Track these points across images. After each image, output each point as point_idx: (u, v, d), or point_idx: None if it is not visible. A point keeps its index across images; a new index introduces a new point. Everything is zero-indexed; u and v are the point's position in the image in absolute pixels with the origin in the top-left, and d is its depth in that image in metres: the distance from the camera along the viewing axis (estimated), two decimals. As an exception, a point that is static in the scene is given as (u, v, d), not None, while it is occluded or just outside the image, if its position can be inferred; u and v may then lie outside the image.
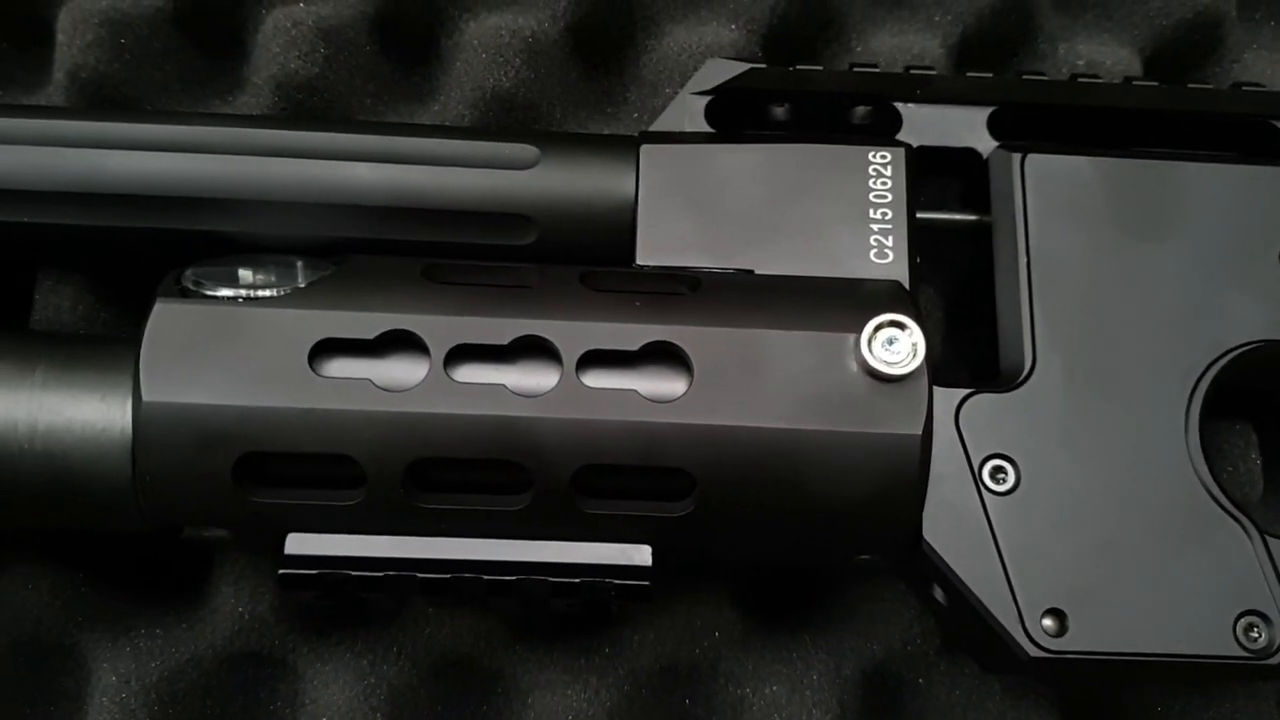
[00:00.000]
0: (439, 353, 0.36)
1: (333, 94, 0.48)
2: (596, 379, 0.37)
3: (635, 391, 0.36)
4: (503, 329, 0.37)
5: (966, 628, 0.40)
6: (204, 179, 0.40)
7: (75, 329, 0.46)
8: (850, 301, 0.38)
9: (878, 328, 0.37)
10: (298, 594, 0.38)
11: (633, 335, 0.37)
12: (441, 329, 0.37)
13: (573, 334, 0.37)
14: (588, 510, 0.37)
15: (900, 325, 0.37)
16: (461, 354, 0.37)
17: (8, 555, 0.44)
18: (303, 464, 0.37)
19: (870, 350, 0.37)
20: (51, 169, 0.40)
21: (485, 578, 0.38)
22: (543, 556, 0.38)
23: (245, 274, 0.39)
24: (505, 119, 0.48)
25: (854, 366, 0.37)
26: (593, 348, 0.37)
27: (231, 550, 0.45)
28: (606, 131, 0.50)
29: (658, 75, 0.50)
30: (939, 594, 0.40)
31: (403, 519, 0.37)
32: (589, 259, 0.41)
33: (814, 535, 0.38)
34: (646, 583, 0.38)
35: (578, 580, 0.38)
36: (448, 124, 0.48)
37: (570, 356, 0.37)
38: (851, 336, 0.37)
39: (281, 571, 0.37)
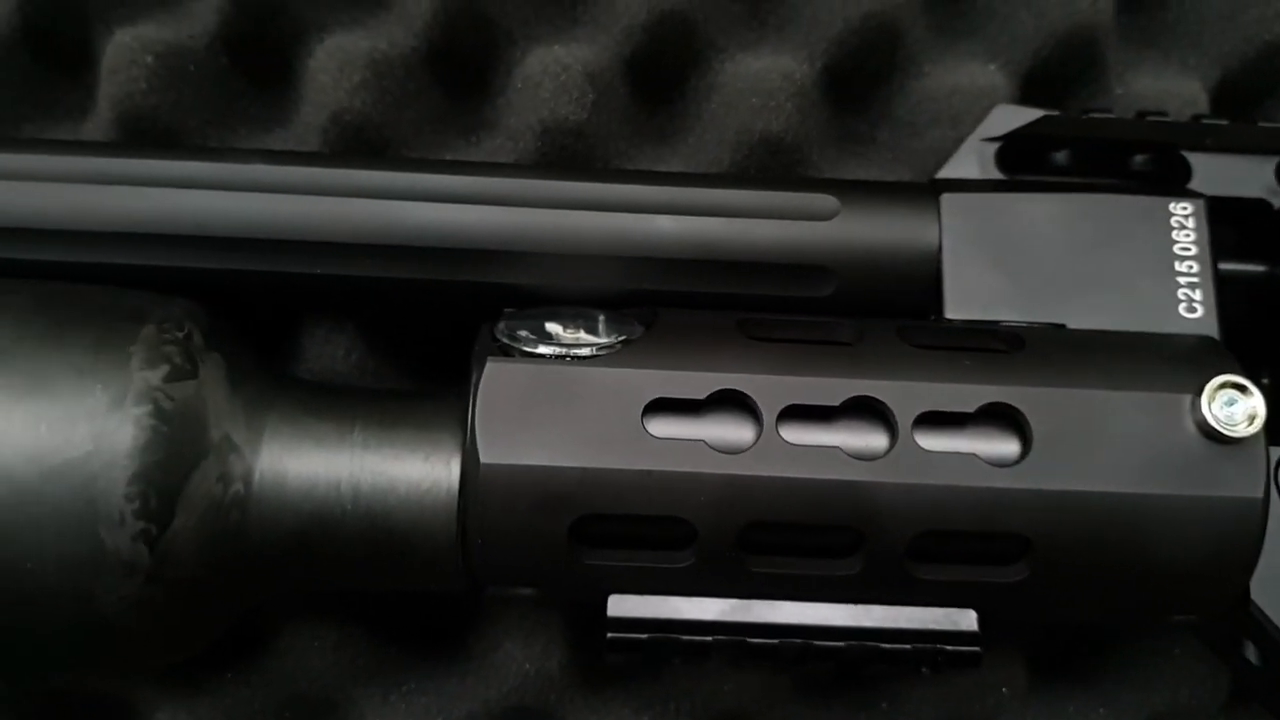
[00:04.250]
0: (770, 414, 0.36)
1: (595, 138, 0.47)
2: (930, 441, 0.36)
3: (975, 455, 0.36)
4: (833, 389, 0.36)
5: (1283, 689, 0.39)
6: (506, 232, 0.39)
7: (348, 377, 0.45)
8: (1178, 359, 0.38)
9: (1219, 388, 0.36)
10: (621, 656, 0.37)
11: (967, 397, 0.36)
12: (771, 389, 0.36)
13: (906, 395, 0.36)
14: (919, 575, 0.36)
15: (1241, 388, 0.36)
16: (791, 414, 0.36)
17: (292, 609, 0.44)
18: (632, 525, 0.36)
19: (1210, 411, 0.36)
20: (349, 220, 0.39)
21: (815, 644, 0.37)
22: (871, 622, 0.37)
23: (555, 329, 0.38)
24: (770, 163, 0.47)
25: (1192, 428, 0.36)
26: (927, 409, 0.36)
27: (513, 606, 0.44)
28: (863, 174, 0.49)
29: (914, 115, 0.48)
30: (1252, 653, 0.39)
31: (730, 582, 0.37)
32: (888, 311, 0.40)
33: (1142, 598, 0.37)
34: (977, 649, 0.37)
35: (908, 646, 0.37)
36: (733, 174, 0.47)
37: (905, 418, 0.36)
38: (1188, 397, 0.36)
39: (610, 635, 0.37)
